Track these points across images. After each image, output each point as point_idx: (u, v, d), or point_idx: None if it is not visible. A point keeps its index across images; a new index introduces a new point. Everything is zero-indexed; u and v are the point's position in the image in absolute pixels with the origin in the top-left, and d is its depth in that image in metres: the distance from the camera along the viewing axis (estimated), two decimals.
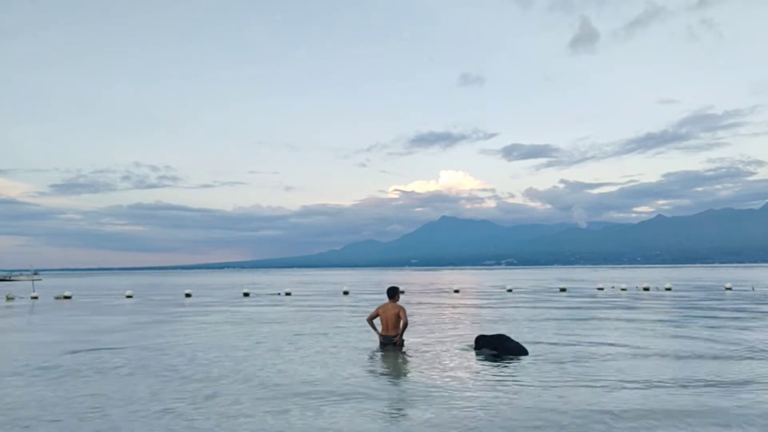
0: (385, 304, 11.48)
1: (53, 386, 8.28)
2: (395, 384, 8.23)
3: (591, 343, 11.85)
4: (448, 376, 8.59)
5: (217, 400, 7.18)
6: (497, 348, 10.56)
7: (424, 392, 7.53)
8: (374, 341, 11.82)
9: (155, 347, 12.29)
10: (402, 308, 11.25)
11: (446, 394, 7.42)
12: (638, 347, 11.29)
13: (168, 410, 6.68)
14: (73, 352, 11.83)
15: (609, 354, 10.46)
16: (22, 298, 35.99)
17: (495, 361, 9.88)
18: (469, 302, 27.46)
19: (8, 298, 34.82)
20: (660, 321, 16.94)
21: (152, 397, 7.35)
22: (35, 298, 34.82)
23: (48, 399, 7.42)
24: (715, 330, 14.21)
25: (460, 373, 8.82)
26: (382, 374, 9.01)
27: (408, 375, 8.86)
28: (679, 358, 10.07)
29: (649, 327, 15.11)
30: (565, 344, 11.75)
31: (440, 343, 12.02)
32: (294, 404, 6.90)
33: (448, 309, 22.84)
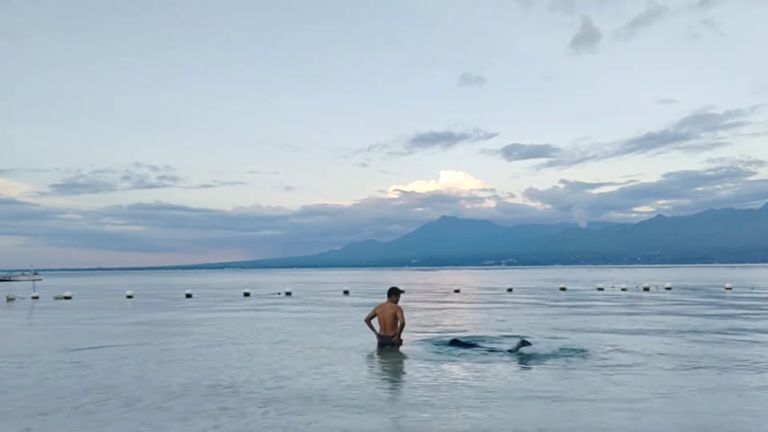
0: (383, 304, 11.48)
1: (61, 381, 8.40)
2: (393, 384, 8.25)
3: (590, 343, 11.84)
4: (445, 376, 8.61)
5: (221, 396, 7.22)
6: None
7: (421, 392, 7.55)
8: (373, 341, 11.83)
9: (157, 346, 12.35)
10: (399, 308, 11.25)
11: (443, 393, 7.44)
12: (638, 347, 11.30)
13: (171, 404, 6.73)
14: (77, 349, 11.93)
15: (608, 354, 10.47)
16: (22, 298, 35.99)
17: (490, 360, 9.89)
18: (469, 302, 27.48)
19: (9, 299, 34.83)
20: (660, 321, 16.96)
21: (156, 392, 7.42)
22: (36, 298, 34.83)
23: (58, 392, 7.53)
24: (716, 330, 14.23)
25: (457, 373, 8.85)
26: (379, 374, 9.04)
27: (405, 375, 8.88)
28: (678, 357, 10.08)
29: (649, 327, 15.13)
30: (564, 343, 11.75)
31: (439, 343, 12.03)
32: (294, 399, 6.96)
33: (448, 309, 22.86)
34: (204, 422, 6.19)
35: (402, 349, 11.14)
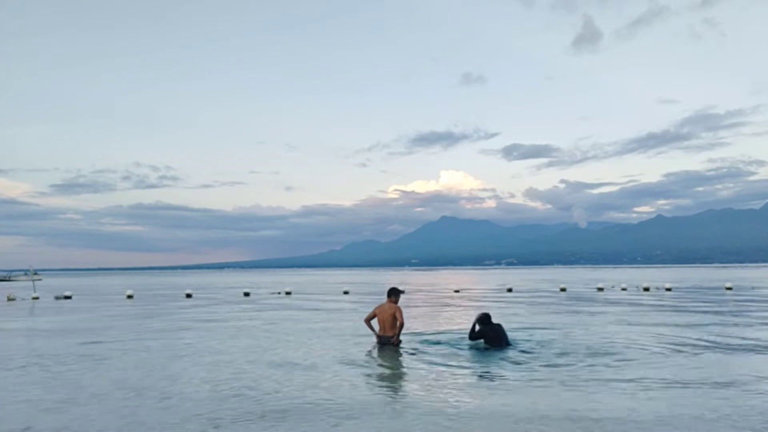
0: (383, 305, 11.50)
1: (66, 376, 8.54)
2: (392, 384, 8.27)
3: (590, 342, 11.87)
4: (445, 375, 8.63)
5: (225, 394, 7.24)
6: (486, 334, 11.02)
7: (421, 391, 7.57)
8: (372, 341, 11.85)
9: (160, 345, 12.42)
10: (399, 308, 11.27)
11: (443, 392, 7.46)
12: (637, 347, 11.31)
13: (173, 399, 6.79)
14: (80, 344, 12.07)
15: (608, 353, 10.49)
16: (23, 299, 35.99)
17: (490, 359, 9.90)
18: (469, 302, 27.47)
19: (9, 299, 34.83)
20: (660, 321, 16.96)
21: (161, 388, 7.50)
22: (36, 298, 34.82)
23: (75, 386, 7.61)
24: (716, 330, 14.23)
25: (457, 372, 8.87)
26: (378, 374, 9.04)
27: (404, 375, 8.90)
28: (678, 358, 10.09)
29: (649, 327, 15.13)
30: (564, 343, 11.78)
31: (438, 343, 12.05)
32: (295, 398, 6.99)
33: (448, 309, 22.86)
34: (207, 422, 6.23)
35: (401, 349, 11.15)
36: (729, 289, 35.85)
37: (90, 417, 6.58)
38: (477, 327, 11.30)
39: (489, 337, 11.03)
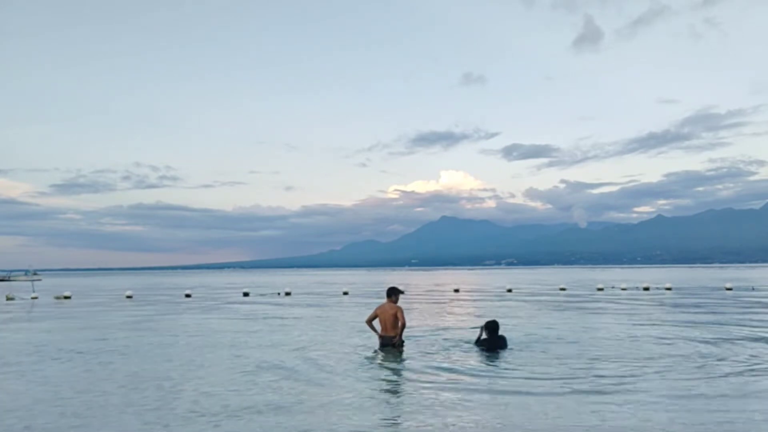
0: (383, 305, 11.47)
1: (79, 370, 8.64)
2: (394, 385, 8.26)
3: (590, 344, 11.86)
4: (445, 376, 8.62)
5: (219, 393, 7.23)
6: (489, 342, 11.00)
7: (423, 392, 7.56)
8: (374, 341, 11.83)
9: (160, 344, 12.46)
10: (400, 309, 11.24)
11: (444, 393, 7.45)
12: (638, 348, 11.30)
13: (173, 396, 6.77)
14: (85, 343, 12.13)
15: (608, 355, 10.48)
16: (22, 298, 36.00)
17: (491, 360, 9.89)
18: (469, 302, 27.48)
19: (8, 299, 34.82)
20: (661, 321, 16.95)
21: (170, 381, 7.49)
22: (35, 298, 34.83)
23: (68, 382, 7.56)
24: (716, 330, 14.22)
25: (458, 372, 8.85)
26: (380, 374, 9.04)
27: (406, 375, 8.88)
28: (679, 358, 10.08)
29: (649, 327, 15.12)
30: (563, 344, 11.76)
31: (439, 343, 12.04)
32: (295, 398, 6.98)
33: (448, 309, 22.86)
34: (213, 415, 6.22)
35: (402, 349, 11.13)
36: (729, 289, 35.87)
37: (111, 404, 6.83)
38: (484, 334, 11.27)
39: (490, 348, 11.04)
